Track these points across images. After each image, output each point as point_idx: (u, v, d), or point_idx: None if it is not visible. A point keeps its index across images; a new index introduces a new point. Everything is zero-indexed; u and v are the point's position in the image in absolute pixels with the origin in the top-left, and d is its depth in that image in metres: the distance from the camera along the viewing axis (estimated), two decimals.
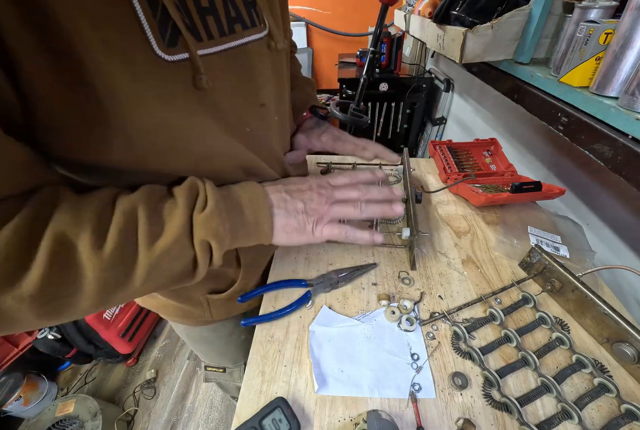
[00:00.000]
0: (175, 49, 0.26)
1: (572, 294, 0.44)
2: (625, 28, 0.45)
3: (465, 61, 0.76)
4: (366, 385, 0.38)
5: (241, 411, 0.36)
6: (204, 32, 0.28)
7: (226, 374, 0.72)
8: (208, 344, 0.66)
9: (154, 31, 0.24)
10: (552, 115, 0.60)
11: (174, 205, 0.30)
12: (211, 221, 0.30)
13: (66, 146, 0.27)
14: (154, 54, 0.25)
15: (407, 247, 0.56)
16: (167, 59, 0.26)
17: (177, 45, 0.26)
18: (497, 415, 0.36)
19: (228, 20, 0.30)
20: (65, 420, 1.09)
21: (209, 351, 0.69)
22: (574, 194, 0.79)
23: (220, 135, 0.33)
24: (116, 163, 0.29)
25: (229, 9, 0.30)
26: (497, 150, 0.80)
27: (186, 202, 0.30)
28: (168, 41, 0.25)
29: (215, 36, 0.29)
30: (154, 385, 1.32)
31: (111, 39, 0.23)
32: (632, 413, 0.34)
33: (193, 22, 0.27)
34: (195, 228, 0.29)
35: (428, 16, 1.03)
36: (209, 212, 0.30)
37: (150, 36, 0.24)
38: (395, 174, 0.76)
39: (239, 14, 0.31)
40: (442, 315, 0.45)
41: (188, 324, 0.60)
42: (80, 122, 0.25)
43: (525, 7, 0.65)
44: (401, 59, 1.74)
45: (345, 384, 0.38)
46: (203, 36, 0.28)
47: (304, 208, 0.37)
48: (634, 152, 0.44)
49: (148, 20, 0.24)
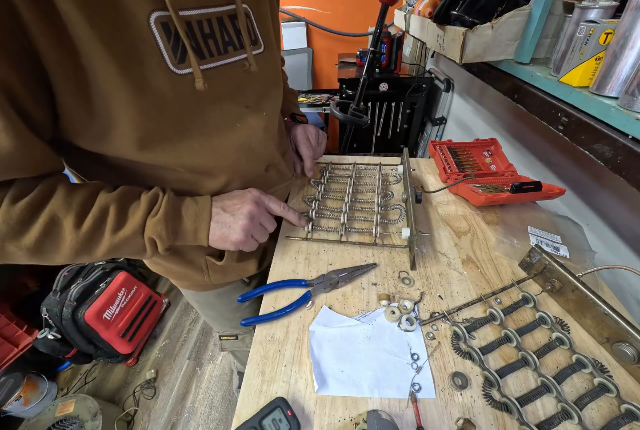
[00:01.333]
0: (184, 65, 0.36)
1: (572, 294, 0.44)
2: (625, 28, 0.45)
3: (465, 61, 0.76)
4: (366, 385, 0.38)
5: (241, 411, 0.36)
6: (206, 51, 0.38)
7: (239, 341, 0.79)
8: (215, 309, 0.73)
9: (169, 52, 0.35)
10: (552, 115, 0.60)
11: (137, 208, 0.40)
12: (157, 225, 0.40)
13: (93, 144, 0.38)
14: (169, 69, 0.35)
15: (407, 247, 0.56)
16: (177, 72, 0.36)
17: (185, 62, 0.36)
18: (497, 415, 0.36)
19: (223, 43, 0.40)
20: (65, 420, 1.09)
21: (218, 317, 0.76)
22: (574, 194, 0.79)
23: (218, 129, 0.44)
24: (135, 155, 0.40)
25: (224, 35, 0.40)
26: (497, 150, 0.80)
27: (146, 208, 0.40)
28: (179, 59, 0.36)
29: (215, 54, 0.40)
30: (154, 385, 1.32)
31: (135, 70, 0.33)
32: (632, 413, 0.34)
33: (198, 44, 0.37)
34: (146, 228, 0.40)
35: (428, 16, 1.03)
36: (157, 219, 0.40)
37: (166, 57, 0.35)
38: (395, 174, 0.76)
39: (231, 38, 0.41)
40: (442, 315, 0.45)
41: (194, 289, 0.68)
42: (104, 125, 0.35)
43: (525, 7, 0.65)
44: (401, 59, 1.75)
45: (346, 384, 0.38)
46: (206, 54, 0.38)
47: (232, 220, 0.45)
48: (634, 152, 0.44)
49: (165, 46, 0.34)
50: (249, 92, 0.46)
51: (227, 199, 0.47)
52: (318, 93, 2.24)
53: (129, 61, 0.32)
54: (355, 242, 0.57)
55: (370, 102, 1.77)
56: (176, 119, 0.39)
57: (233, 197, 0.48)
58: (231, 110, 0.44)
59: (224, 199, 0.47)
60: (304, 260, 0.54)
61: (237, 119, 0.46)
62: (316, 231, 0.60)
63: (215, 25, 0.39)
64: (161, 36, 0.34)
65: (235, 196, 0.48)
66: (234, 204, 0.46)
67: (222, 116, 0.44)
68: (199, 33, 0.37)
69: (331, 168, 0.77)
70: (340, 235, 0.58)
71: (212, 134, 0.44)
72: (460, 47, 0.74)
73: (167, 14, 0.33)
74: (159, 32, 0.33)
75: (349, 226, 0.60)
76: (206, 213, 0.44)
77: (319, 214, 0.63)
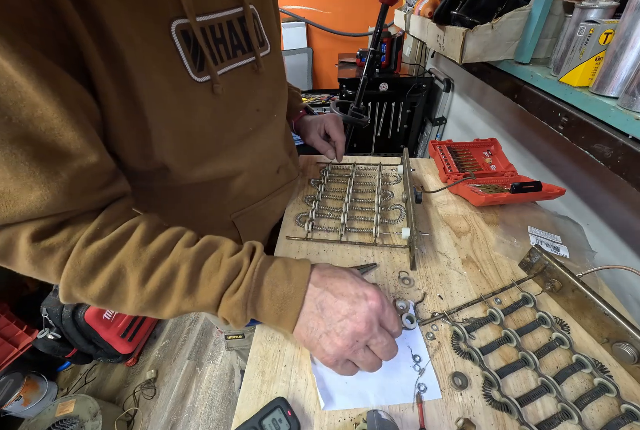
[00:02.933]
0: (203, 72, 0.36)
1: (572, 294, 0.44)
2: (625, 28, 0.45)
3: (465, 61, 0.76)
4: (372, 394, 0.37)
5: (241, 411, 0.36)
6: (218, 56, 0.38)
7: (245, 340, 0.77)
8: None
9: (189, 61, 0.34)
10: (552, 115, 0.60)
11: (215, 274, 0.33)
12: (233, 309, 0.33)
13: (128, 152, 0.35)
14: (190, 78, 0.35)
15: (407, 247, 0.56)
16: (198, 81, 0.36)
17: (203, 69, 0.36)
18: (497, 415, 0.36)
19: (232, 47, 0.40)
20: (65, 420, 1.09)
21: None
22: (574, 194, 0.79)
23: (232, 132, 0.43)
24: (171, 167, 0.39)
25: (233, 38, 0.40)
26: (497, 150, 0.80)
27: (224, 279, 0.33)
28: (198, 67, 0.35)
29: (225, 59, 0.39)
30: (154, 385, 1.32)
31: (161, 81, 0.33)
32: (632, 413, 0.34)
33: (211, 50, 0.37)
34: (220, 306, 0.33)
35: (428, 16, 1.03)
36: (234, 302, 0.33)
37: (187, 66, 0.34)
38: (395, 174, 0.76)
39: (240, 41, 0.41)
40: (442, 315, 0.45)
41: None
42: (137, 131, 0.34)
43: (525, 7, 0.65)
44: (401, 59, 1.75)
45: (351, 396, 0.37)
46: (217, 60, 0.38)
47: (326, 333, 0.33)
48: (634, 152, 0.44)
49: (185, 55, 0.34)
50: (259, 95, 0.46)
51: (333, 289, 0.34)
52: (318, 93, 2.24)
53: (161, 73, 0.32)
54: (356, 242, 0.57)
55: (370, 102, 1.77)
56: (201, 129, 0.39)
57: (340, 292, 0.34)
58: (244, 114, 0.44)
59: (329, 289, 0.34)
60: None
61: (250, 123, 0.45)
62: (316, 231, 0.60)
63: (225, 29, 0.38)
64: (181, 45, 0.33)
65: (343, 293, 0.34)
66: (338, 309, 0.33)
67: (238, 121, 0.43)
68: (212, 39, 0.37)
69: (331, 168, 0.77)
70: (340, 235, 0.57)
71: (231, 140, 0.43)
72: (460, 47, 0.74)
73: (186, 21, 0.33)
74: (179, 41, 0.33)
75: (349, 226, 0.60)
76: (298, 301, 0.34)
77: (319, 214, 0.63)
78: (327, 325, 0.33)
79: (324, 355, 0.33)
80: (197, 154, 0.41)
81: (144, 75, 0.31)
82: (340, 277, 0.35)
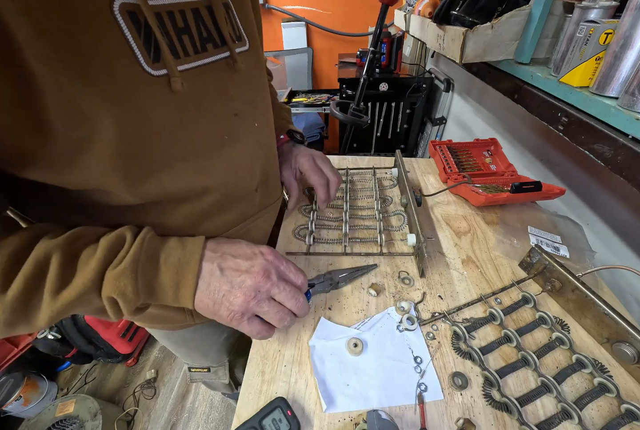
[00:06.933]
0: (159, 64, 0.29)
1: (572, 294, 0.44)
2: (625, 28, 0.45)
3: (465, 61, 0.76)
4: (374, 396, 0.37)
5: (241, 411, 0.36)
6: (180, 49, 0.30)
7: (211, 373, 0.72)
8: (190, 346, 0.65)
9: (141, 49, 0.27)
10: (552, 115, 0.60)
11: (92, 256, 0.30)
12: (120, 280, 0.29)
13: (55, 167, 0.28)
14: (143, 70, 0.28)
15: (414, 255, 0.54)
16: (153, 74, 0.28)
17: (159, 61, 0.29)
18: (497, 415, 0.36)
19: (201, 39, 0.32)
20: (65, 420, 1.09)
21: (191, 353, 0.68)
22: (574, 194, 0.79)
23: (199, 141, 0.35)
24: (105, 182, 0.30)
25: (201, 29, 0.32)
26: (497, 150, 0.80)
27: (104, 255, 0.30)
28: (153, 57, 0.28)
29: (191, 53, 0.32)
30: (154, 385, 1.32)
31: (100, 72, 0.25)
32: (632, 413, 0.34)
33: (171, 41, 0.30)
34: (104, 283, 0.29)
35: (428, 16, 1.03)
36: (120, 271, 0.29)
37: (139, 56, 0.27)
38: (391, 178, 0.75)
39: (210, 34, 0.33)
40: (442, 315, 0.45)
41: (168, 329, 0.57)
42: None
43: (525, 7, 0.65)
44: (401, 59, 1.75)
45: (353, 398, 0.37)
46: (180, 53, 0.31)
47: (228, 290, 0.34)
48: (634, 152, 0.44)
49: (135, 41, 0.27)
50: (236, 98, 0.38)
51: (230, 251, 0.36)
52: (318, 93, 2.24)
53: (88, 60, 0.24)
54: (361, 253, 0.55)
55: (370, 102, 1.77)
56: (157, 135, 0.31)
57: (237, 253, 0.36)
58: (216, 119, 0.36)
59: (225, 252, 0.36)
60: (304, 260, 0.54)
61: (223, 130, 0.38)
62: (317, 244, 0.57)
63: (190, 18, 0.31)
64: (129, 28, 0.26)
65: (240, 254, 0.36)
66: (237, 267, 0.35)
67: (208, 127, 0.36)
68: (171, 27, 0.29)
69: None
70: (345, 246, 0.55)
71: (197, 150, 0.35)
72: (460, 47, 0.74)
73: (134, 1, 0.26)
74: (126, 23, 0.26)
75: (351, 237, 0.57)
76: (194, 263, 0.34)
77: (319, 225, 0.61)
78: (228, 283, 0.34)
79: (229, 312, 0.34)
80: (145, 166, 0.32)
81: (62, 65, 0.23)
82: (235, 242, 0.39)
